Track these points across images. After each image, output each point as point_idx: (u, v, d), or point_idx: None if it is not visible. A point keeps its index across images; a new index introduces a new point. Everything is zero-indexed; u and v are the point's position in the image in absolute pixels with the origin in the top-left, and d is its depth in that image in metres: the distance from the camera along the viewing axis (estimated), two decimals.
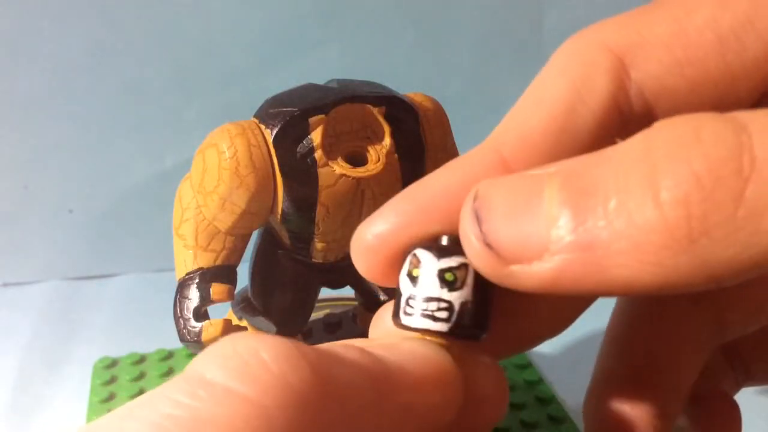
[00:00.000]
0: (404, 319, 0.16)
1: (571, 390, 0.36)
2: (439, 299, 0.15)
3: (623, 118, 0.16)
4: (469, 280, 0.15)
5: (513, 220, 0.14)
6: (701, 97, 0.15)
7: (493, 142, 0.16)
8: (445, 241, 0.16)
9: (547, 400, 0.35)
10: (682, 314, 0.19)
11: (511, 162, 0.16)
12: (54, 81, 0.47)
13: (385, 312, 0.17)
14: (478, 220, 0.14)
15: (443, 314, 0.15)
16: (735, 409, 0.22)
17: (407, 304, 0.16)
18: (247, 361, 0.12)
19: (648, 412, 0.19)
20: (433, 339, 0.16)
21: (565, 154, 0.15)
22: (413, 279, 0.16)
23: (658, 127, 0.13)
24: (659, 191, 0.12)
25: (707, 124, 0.12)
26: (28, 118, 0.48)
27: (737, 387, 0.23)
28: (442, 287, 0.15)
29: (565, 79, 0.16)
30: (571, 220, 0.13)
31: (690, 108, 0.15)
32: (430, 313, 0.15)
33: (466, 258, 0.15)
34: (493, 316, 0.16)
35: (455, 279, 0.15)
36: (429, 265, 0.15)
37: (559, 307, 0.18)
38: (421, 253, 0.16)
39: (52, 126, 0.48)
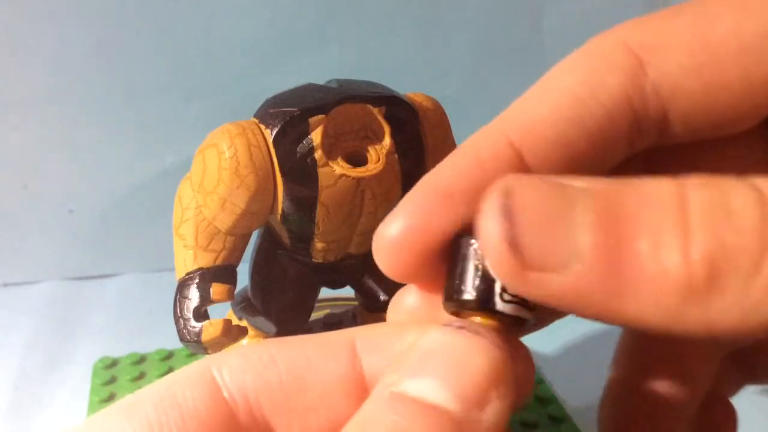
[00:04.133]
0: (500, 305, 0.15)
1: (571, 390, 0.36)
2: None
3: (636, 117, 0.16)
4: None
5: (544, 229, 0.14)
6: (717, 101, 0.15)
7: (501, 124, 0.16)
8: None
9: (547, 400, 0.35)
10: None
11: (518, 146, 0.16)
12: (54, 81, 0.47)
13: (405, 294, 0.17)
14: (509, 218, 0.14)
15: (532, 303, 0.15)
16: (731, 411, 0.22)
17: (504, 290, 0.15)
18: None
19: (663, 419, 0.19)
20: (487, 322, 0.15)
21: (572, 146, 0.15)
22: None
23: (693, 185, 0.13)
24: (690, 249, 0.13)
25: (737, 192, 0.13)
26: (28, 118, 0.48)
27: (739, 387, 0.23)
28: None
29: (579, 71, 0.16)
30: (603, 244, 0.13)
31: (705, 111, 0.15)
32: (524, 300, 0.15)
33: None
34: None
35: None
36: None
37: None
38: None
39: (52, 126, 0.48)
